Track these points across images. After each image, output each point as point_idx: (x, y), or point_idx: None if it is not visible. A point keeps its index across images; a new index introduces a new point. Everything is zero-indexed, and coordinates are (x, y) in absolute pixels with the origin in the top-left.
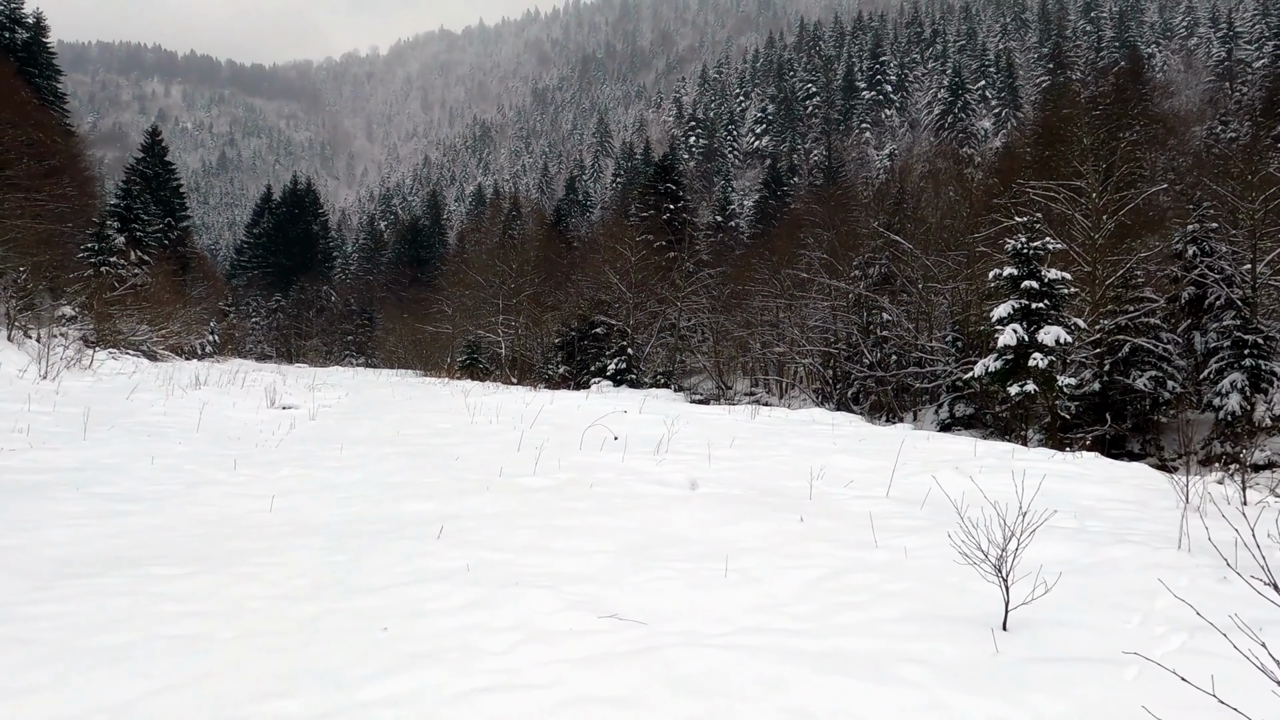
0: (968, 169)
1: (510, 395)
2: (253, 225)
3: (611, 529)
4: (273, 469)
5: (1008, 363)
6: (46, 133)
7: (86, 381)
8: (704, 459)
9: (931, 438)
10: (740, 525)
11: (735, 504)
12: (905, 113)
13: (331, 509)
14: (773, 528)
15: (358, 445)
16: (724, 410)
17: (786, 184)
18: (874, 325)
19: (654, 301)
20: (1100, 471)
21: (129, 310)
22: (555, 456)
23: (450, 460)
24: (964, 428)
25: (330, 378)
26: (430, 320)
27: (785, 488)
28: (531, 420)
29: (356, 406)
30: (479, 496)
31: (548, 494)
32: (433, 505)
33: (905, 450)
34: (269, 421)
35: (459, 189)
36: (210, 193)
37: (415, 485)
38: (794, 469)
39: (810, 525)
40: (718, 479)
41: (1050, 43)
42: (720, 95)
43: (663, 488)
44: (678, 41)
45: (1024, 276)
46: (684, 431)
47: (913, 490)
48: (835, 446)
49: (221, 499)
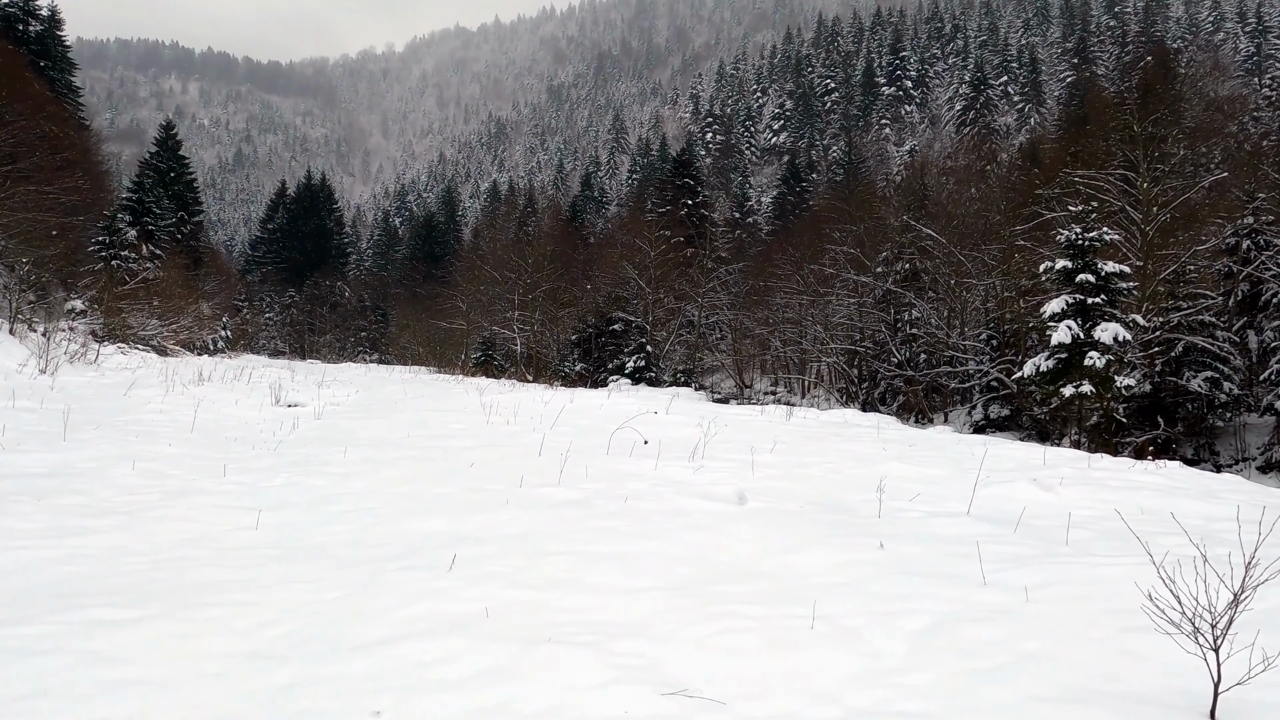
0: (989, 165)
1: (527, 394)
2: (267, 220)
3: (657, 556)
4: (267, 475)
5: (1061, 362)
6: (60, 125)
7: (88, 376)
8: (745, 466)
9: (988, 443)
10: (809, 552)
11: (795, 523)
12: (926, 109)
13: (327, 527)
14: (849, 555)
15: (363, 448)
16: (754, 411)
17: (805, 180)
18: (901, 323)
19: (672, 298)
20: (1192, 484)
21: (139, 304)
22: (581, 463)
23: (465, 466)
24: (998, 430)
25: (341, 374)
26: (445, 316)
27: (846, 502)
28: (552, 421)
29: (365, 405)
30: (498, 512)
31: (576, 509)
32: (445, 523)
33: (962, 457)
34: (271, 420)
35: (474, 185)
36: (226, 189)
37: (425, 497)
38: (849, 479)
39: (893, 552)
40: (767, 491)
41: (1075, 38)
42: (737, 91)
43: (707, 501)
44: (693, 39)
45: (1079, 269)
46: (717, 434)
47: (995, 506)
48: (885, 453)
49: (203, 513)
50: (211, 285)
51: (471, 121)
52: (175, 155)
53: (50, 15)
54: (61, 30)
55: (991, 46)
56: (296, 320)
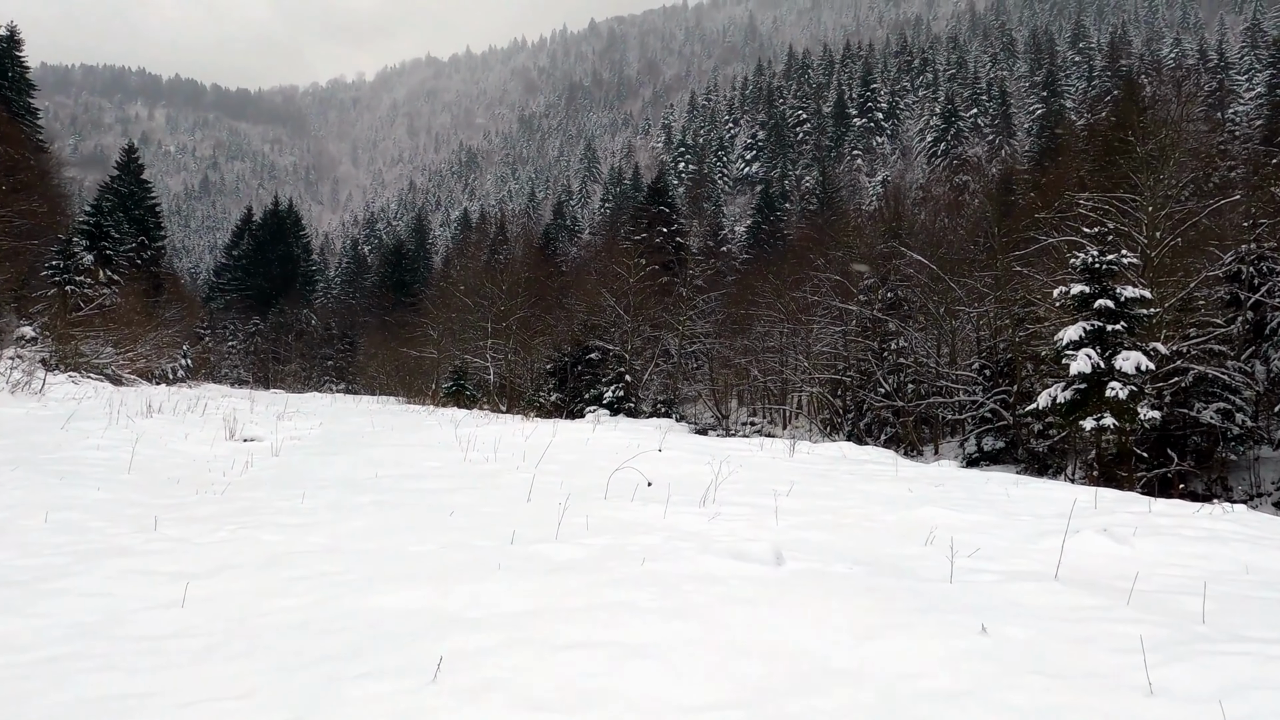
0: (964, 196)
1: (506, 426)
2: (232, 247)
3: (704, 646)
4: (208, 528)
5: (1079, 393)
6: (15, 147)
7: (27, 407)
8: (763, 513)
9: (1020, 482)
10: (895, 637)
11: (854, 591)
12: (897, 140)
13: (273, 601)
14: (950, 644)
15: (325, 491)
16: (749, 445)
17: (779, 209)
18: (888, 351)
19: (650, 326)
20: (1272, 531)
21: (94, 332)
22: (578, 510)
23: (443, 515)
24: (993, 463)
25: (306, 405)
26: (415, 344)
27: (900, 560)
28: (537, 458)
29: (329, 439)
30: (489, 579)
31: (585, 574)
32: (423, 595)
33: (997, 498)
34: (223, 458)
35: (444, 214)
36: (192, 216)
37: (397, 556)
38: (887, 528)
39: (1000, 637)
40: (800, 545)
41: (1043, 71)
42: (709, 122)
43: (739, 562)
44: (664, 71)
45: (1096, 295)
46: (721, 473)
47: (1076, 565)
48: (913, 494)
49: (119, 582)
50: (172, 312)
51: (442, 150)
52: (137, 179)
53: (9, 35)
54: (20, 51)
55: (961, 80)
56: (261, 349)
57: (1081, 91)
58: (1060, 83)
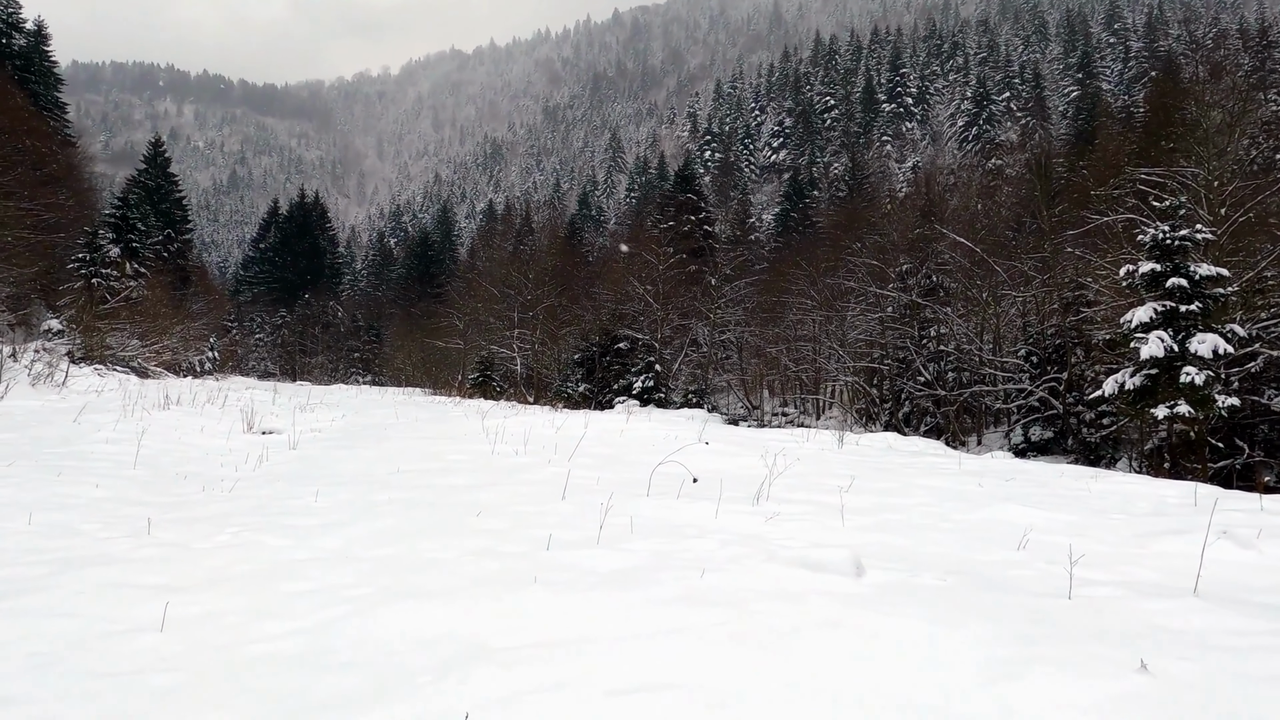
0: (996, 181)
1: (535, 417)
2: (259, 239)
3: (795, 689)
4: (208, 531)
5: (1149, 379)
6: (43, 141)
7: (46, 400)
8: (825, 512)
9: (1098, 476)
10: (1032, 680)
11: (961, 612)
12: (927, 125)
13: (266, 627)
14: (1106, 686)
15: (341, 487)
16: (794, 436)
17: (808, 196)
18: (928, 339)
19: (677, 316)
20: None
21: (120, 324)
22: (619, 509)
23: (469, 515)
24: (1040, 454)
25: (330, 396)
26: (441, 335)
27: (996, 569)
28: (569, 451)
29: (351, 432)
30: (522, 593)
31: (633, 588)
32: (445, 615)
33: (1079, 494)
34: (238, 451)
35: (469, 206)
36: (220, 210)
37: (417, 564)
38: (968, 530)
39: (1166, 676)
40: (877, 550)
41: (1077, 53)
42: (735, 109)
43: (813, 574)
44: (688, 60)
45: (1168, 273)
46: (774, 468)
47: (1211, 576)
48: (983, 490)
49: (93, 599)
50: (199, 305)
51: (467, 143)
52: (164, 172)
53: (37, 30)
54: (48, 45)
55: (992, 63)
56: (287, 341)
57: (1118, 74)
58: (1095, 64)
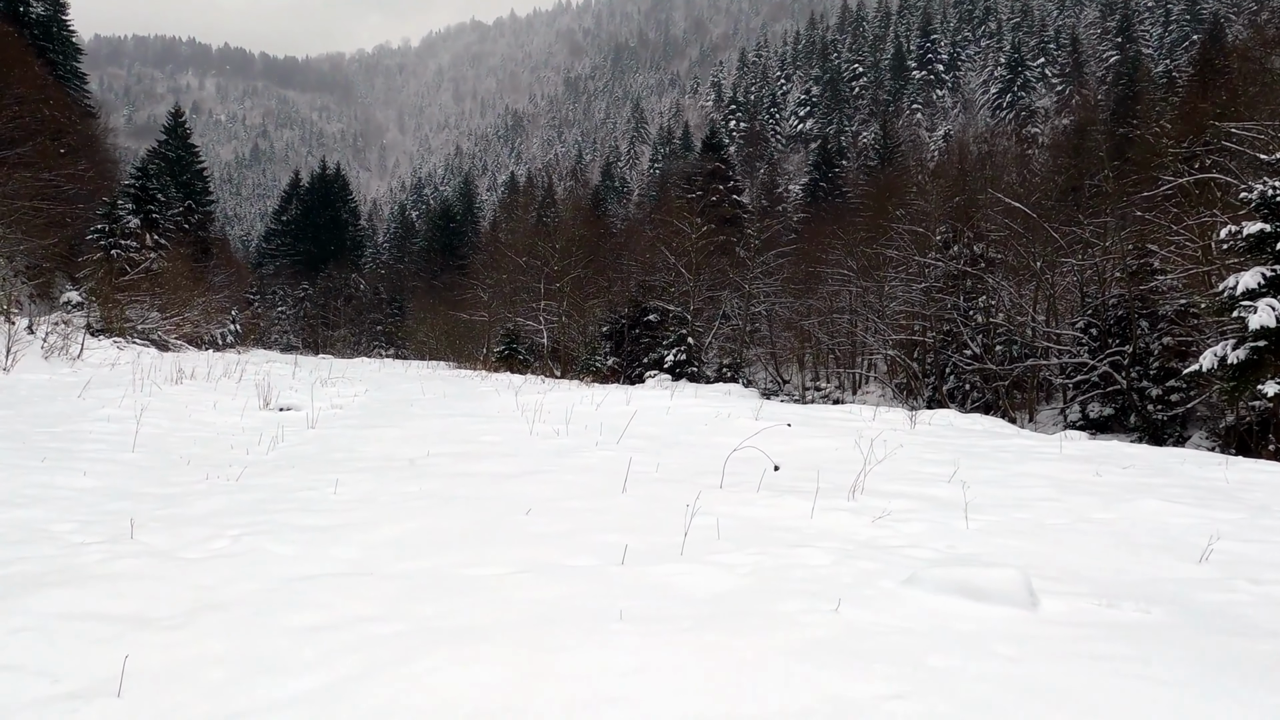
0: (1030, 149)
1: (570, 393)
2: (280, 212)
3: None
4: (202, 535)
5: (1255, 351)
6: (63, 111)
7: (58, 373)
8: (934, 507)
9: (1228, 463)
10: None
11: (1197, 666)
12: (959, 93)
13: (255, 696)
14: None
15: (363, 476)
16: (850, 413)
17: (837, 165)
18: (975, 309)
19: (707, 287)
20: None
21: (140, 296)
22: (700, 509)
23: (515, 513)
24: (1100, 432)
25: (352, 370)
26: (464, 307)
27: (1188, 592)
28: (617, 432)
29: (374, 408)
30: (603, 641)
31: (749, 628)
32: (498, 677)
33: (1214, 484)
34: (251, 430)
35: (491, 178)
36: (243, 184)
37: (455, 587)
38: (1122, 535)
39: None
40: (1033, 565)
41: (1116, 17)
42: (761, 78)
43: (975, 604)
44: (711, 29)
45: (1278, 234)
46: (837, 452)
47: None
48: (1101, 479)
49: (35, 641)
50: (221, 277)
51: (488, 115)
52: (184, 143)
53: None
54: (66, 15)
55: (1026, 28)
56: (310, 314)
57: (1158, 38)
58: (1135, 28)
